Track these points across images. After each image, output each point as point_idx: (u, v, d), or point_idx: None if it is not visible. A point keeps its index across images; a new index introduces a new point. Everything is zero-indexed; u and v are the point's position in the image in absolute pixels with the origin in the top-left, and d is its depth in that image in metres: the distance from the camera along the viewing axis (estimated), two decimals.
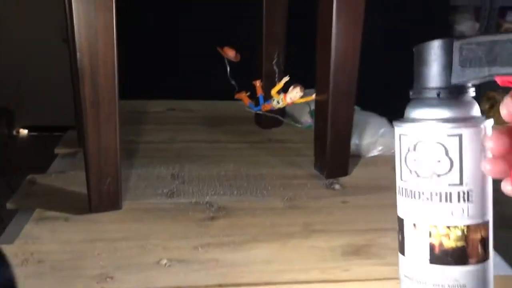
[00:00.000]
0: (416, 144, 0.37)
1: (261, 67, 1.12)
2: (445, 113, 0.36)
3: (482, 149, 0.36)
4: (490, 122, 0.36)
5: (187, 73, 1.74)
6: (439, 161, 0.36)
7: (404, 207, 0.39)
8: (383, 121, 1.14)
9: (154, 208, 0.85)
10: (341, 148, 0.98)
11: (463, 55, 0.34)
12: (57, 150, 1.09)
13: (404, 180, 0.38)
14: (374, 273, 0.69)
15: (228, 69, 0.97)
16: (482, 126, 0.36)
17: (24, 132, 3.28)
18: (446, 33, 2.39)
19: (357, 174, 1.01)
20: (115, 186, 0.81)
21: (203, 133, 1.23)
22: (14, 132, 3.20)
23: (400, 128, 0.38)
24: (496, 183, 0.36)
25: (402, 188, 0.39)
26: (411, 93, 0.38)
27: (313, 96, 0.98)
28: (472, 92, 0.37)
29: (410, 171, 0.37)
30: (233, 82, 0.99)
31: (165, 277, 0.66)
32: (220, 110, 1.40)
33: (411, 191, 0.38)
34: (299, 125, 1.23)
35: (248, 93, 1.02)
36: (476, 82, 0.36)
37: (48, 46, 2.67)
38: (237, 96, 1.01)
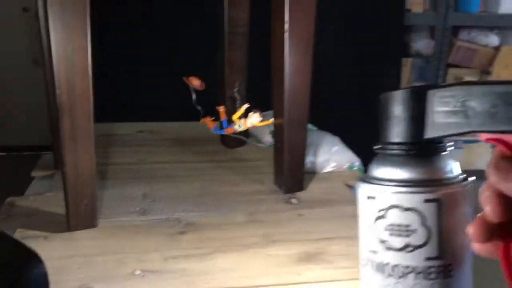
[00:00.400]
0: (386, 210, 0.32)
1: (224, 94, 1.22)
2: (421, 174, 0.31)
3: (464, 214, 0.32)
4: (472, 182, 0.32)
5: (154, 96, 1.83)
6: (414, 231, 0.31)
7: (371, 283, 0.33)
8: (335, 140, 1.27)
9: (127, 225, 0.93)
10: (297, 166, 1.09)
11: (438, 107, 0.30)
12: (34, 173, 1.15)
13: (371, 251, 0.33)
14: (324, 276, 0.80)
15: (194, 96, 1.07)
16: (463, 187, 0.32)
17: None
18: (403, 51, 2.55)
19: (312, 189, 1.12)
20: (91, 206, 0.89)
21: (171, 154, 1.32)
22: None
23: (366, 189, 0.33)
24: None
25: (369, 260, 0.33)
26: (376, 147, 0.33)
27: (271, 120, 1.09)
28: (449, 147, 0.32)
29: (379, 241, 0.32)
30: (198, 108, 1.08)
31: (139, 286, 0.75)
32: (186, 131, 1.49)
33: (380, 264, 0.32)
34: (261, 145, 1.33)
35: (213, 118, 1.12)
36: (453, 137, 0.31)
37: (15, 67, 2.70)
38: (202, 121, 1.11)
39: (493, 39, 2.71)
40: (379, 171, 0.33)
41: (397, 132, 0.32)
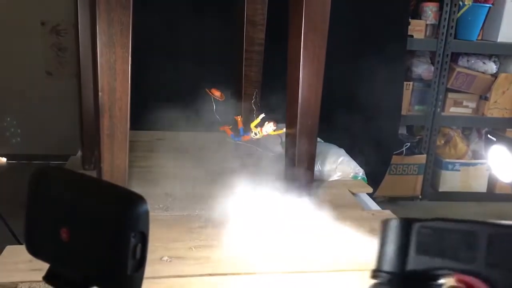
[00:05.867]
0: None
1: (241, 105, 1.33)
2: None
3: None
4: None
5: (172, 106, 1.93)
6: None
7: None
8: (341, 151, 1.37)
9: (153, 219, 1.00)
10: (307, 174, 1.19)
11: (419, 240, 0.30)
12: None
13: None
14: (333, 265, 0.89)
15: (214, 106, 1.17)
16: None
17: (2, 160, 3.37)
18: (405, 75, 2.67)
19: (319, 195, 1.22)
20: None
21: (188, 159, 1.41)
22: None
23: None
24: None
25: None
26: (372, 273, 0.34)
27: (284, 129, 1.19)
28: (440, 280, 0.30)
29: None
30: (218, 117, 1.19)
31: (168, 270, 0.84)
32: (202, 140, 1.58)
33: None
34: (272, 154, 1.44)
35: (230, 126, 1.23)
36: (432, 271, 0.30)
37: (29, 78, 2.81)
38: (221, 128, 1.22)
39: (491, 66, 2.84)
40: None
41: (383, 260, 0.32)
